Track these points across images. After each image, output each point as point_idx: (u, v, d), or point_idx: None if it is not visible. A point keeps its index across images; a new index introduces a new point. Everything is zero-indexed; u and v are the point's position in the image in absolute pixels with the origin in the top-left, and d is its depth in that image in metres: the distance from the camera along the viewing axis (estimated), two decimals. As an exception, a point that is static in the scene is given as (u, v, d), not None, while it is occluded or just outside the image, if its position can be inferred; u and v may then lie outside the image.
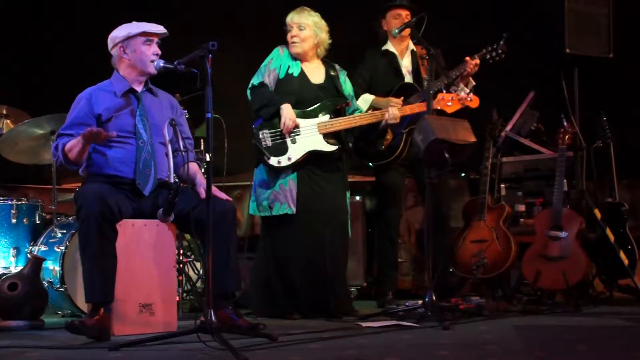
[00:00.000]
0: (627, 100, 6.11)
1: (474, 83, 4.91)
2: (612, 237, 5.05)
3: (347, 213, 4.62)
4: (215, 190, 3.80)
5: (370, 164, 5.05)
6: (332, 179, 4.56)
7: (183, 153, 3.79)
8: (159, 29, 3.98)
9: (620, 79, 5.96)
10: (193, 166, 4.07)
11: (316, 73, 4.64)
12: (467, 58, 4.81)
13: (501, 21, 6.33)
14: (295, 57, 4.61)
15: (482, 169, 5.34)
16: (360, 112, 4.67)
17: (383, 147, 4.88)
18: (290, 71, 4.57)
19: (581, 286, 4.94)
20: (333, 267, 4.49)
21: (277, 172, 4.47)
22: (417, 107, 4.65)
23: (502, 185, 5.72)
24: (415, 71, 5.04)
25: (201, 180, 3.94)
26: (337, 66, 4.71)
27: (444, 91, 4.73)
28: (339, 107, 4.60)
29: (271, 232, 4.52)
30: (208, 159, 3.42)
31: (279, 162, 4.44)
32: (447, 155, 4.06)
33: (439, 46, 4.76)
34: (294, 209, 4.42)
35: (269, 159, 4.46)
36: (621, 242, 5.08)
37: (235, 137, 4.41)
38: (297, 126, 4.46)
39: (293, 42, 4.57)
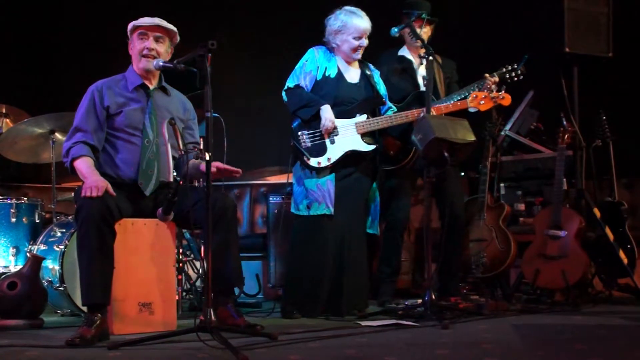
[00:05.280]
0: (626, 99, 6.11)
1: (497, 79, 4.83)
2: (611, 236, 5.05)
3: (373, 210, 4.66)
4: (223, 165, 3.82)
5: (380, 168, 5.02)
6: (364, 178, 4.58)
7: (183, 154, 3.77)
8: (150, 21, 3.93)
9: (619, 77, 5.95)
10: (195, 161, 4.03)
11: (352, 73, 4.64)
12: (487, 75, 4.75)
13: (501, 19, 6.34)
14: (330, 58, 4.60)
15: (482, 168, 5.34)
16: (394, 111, 4.66)
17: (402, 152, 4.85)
18: (327, 73, 4.56)
19: (580, 285, 4.94)
20: (356, 263, 4.52)
21: (315, 172, 4.47)
22: (452, 107, 4.60)
23: (502, 185, 5.73)
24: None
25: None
26: (371, 65, 4.72)
27: (477, 89, 4.71)
28: (375, 106, 4.62)
29: (307, 230, 4.50)
30: (208, 158, 3.41)
31: (319, 163, 4.45)
32: (446, 154, 4.07)
33: (440, 47, 4.73)
34: (332, 210, 4.44)
35: (309, 159, 4.46)
36: (620, 241, 5.08)
37: (234, 136, 4.40)
38: (335, 127, 4.47)
39: (358, 50, 4.56)
